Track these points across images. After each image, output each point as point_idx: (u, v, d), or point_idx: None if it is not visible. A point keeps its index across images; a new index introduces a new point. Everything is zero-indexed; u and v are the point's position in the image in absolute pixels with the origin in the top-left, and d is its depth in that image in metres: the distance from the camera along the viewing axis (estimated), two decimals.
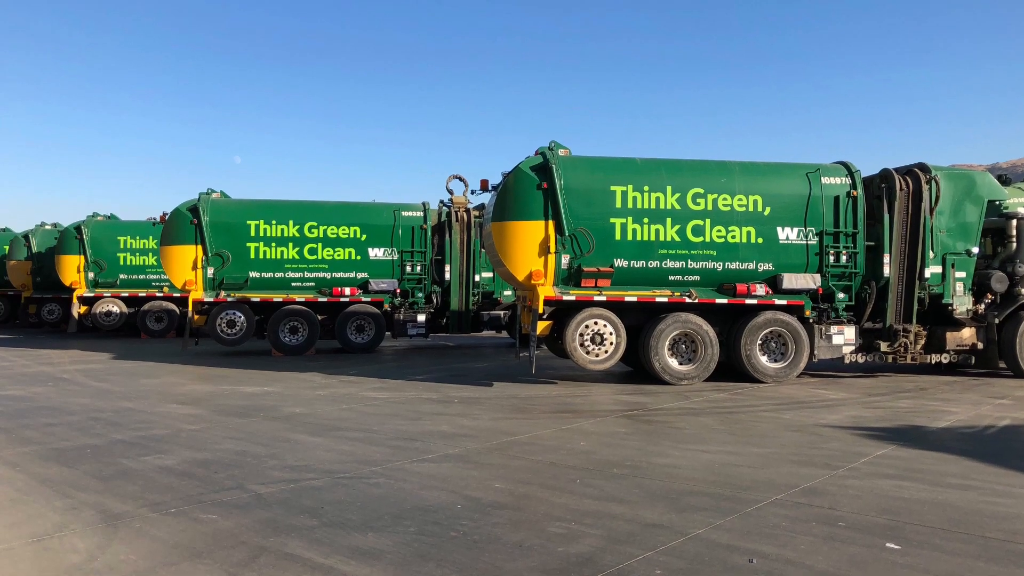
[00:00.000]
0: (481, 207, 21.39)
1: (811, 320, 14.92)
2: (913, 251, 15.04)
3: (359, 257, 21.16)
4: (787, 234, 14.88)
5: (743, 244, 14.76)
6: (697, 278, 14.76)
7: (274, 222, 20.80)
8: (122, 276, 27.37)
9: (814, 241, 14.94)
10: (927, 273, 15.08)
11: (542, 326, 14.47)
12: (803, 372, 15.28)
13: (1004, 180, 16.62)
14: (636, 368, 16.13)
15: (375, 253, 21.26)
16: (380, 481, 7.63)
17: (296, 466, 8.29)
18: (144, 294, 27.34)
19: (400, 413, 11.76)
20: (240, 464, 8.39)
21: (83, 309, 27.20)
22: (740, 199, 14.76)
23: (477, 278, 22.01)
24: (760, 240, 14.80)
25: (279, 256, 20.78)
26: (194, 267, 20.29)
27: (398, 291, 21.22)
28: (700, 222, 14.67)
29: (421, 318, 21.30)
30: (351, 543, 5.77)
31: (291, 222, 20.87)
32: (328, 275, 20.97)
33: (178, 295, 25.30)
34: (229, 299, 20.33)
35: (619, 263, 14.50)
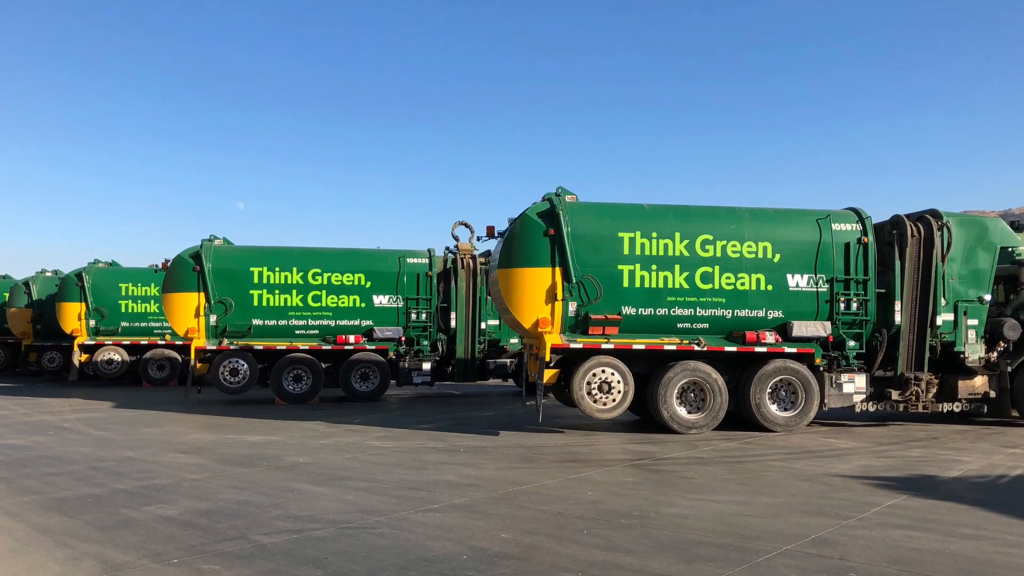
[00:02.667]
0: (487, 254, 21.35)
1: (821, 368, 14.76)
2: (925, 298, 14.91)
3: (363, 304, 21.06)
4: (797, 281, 14.78)
5: (752, 291, 14.66)
6: (706, 326, 14.63)
7: (277, 269, 20.73)
8: (124, 324, 27.26)
9: (824, 288, 14.84)
10: (939, 320, 14.94)
11: (549, 374, 14.34)
12: (813, 421, 15.11)
13: (1017, 226, 16.52)
14: (644, 417, 15.97)
15: (380, 300, 21.17)
16: (385, 531, 7.52)
17: (300, 516, 8.18)
18: (146, 342, 27.21)
19: (405, 462, 11.64)
20: (243, 514, 8.27)
21: (84, 357, 27.08)
22: (749, 245, 14.68)
23: (483, 325, 21.88)
24: (770, 287, 14.70)
25: (283, 303, 20.68)
26: (196, 314, 20.18)
27: (403, 339, 21.09)
28: (709, 269, 14.59)
29: (426, 366, 21.16)
30: None
31: (295, 269, 20.81)
32: (332, 323, 20.87)
33: (180, 343, 25.13)
34: (232, 347, 20.22)
35: (627, 310, 14.40)
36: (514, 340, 21.93)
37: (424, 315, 21.32)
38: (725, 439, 13.81)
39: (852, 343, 14.92)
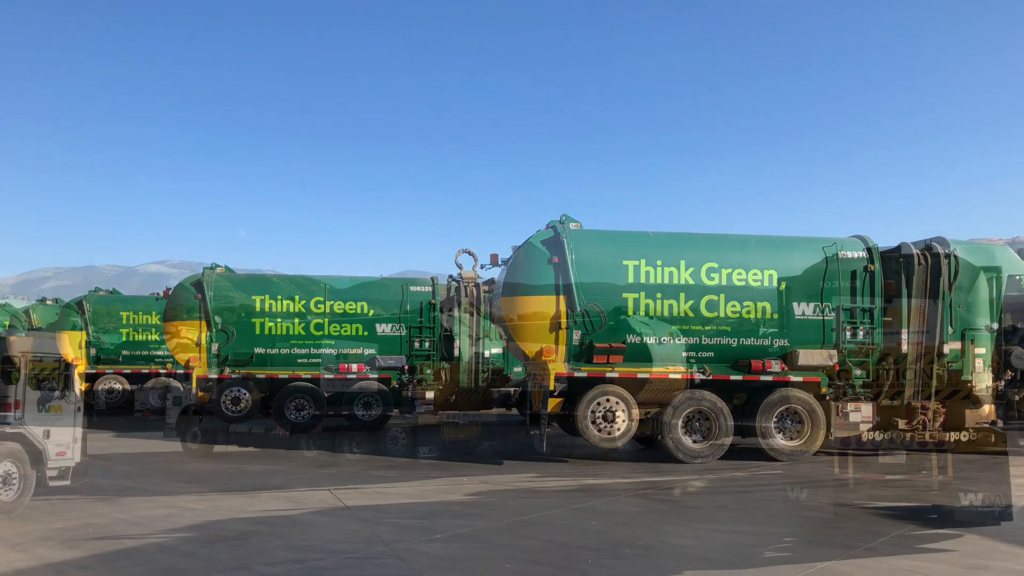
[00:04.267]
0: (491, 282, 21.29)
1: (828, 397, 14.63)
2: (931, 327, 14.79)
3: (367, 333, 20.97)
4: (803, 309, 14.68)
5: (758, 320, 14.56)
6: (711, 354, 14.53)
7: (280, 297, 20.67)
8: (124, 352, 27.12)
9: (830, 316, 14.73)
10: (946, 349, 14.79)
11: (553, 403, 14.21)
12: (819, 450, 14.99)
13: None
14: (649, 446, 15.84)
15: (383, 329, 21.07)
16: (388, 561, 7.45)
17: (302, 546, 8.10)
18: (147, 371, 27.05)
19: (407, 492, 11.55)
20: (245, 544, 8.20)
21: (84, 386, 26.90)
22: (755, 273, 14.60)
23: (487, 354, 21.75)
24: (775, 315, 14.61)
25: (285, 332, 20.59)
26: (198, 343, 20.09)
27: (406, 367, 20.98)
28: (714, 297, 14.50)
29: (429, 395, 20.99)
30: None
31: (297, 297, 20.74)
32: (335, 351, 20.75)
33: (182, 371, 25.00)
34: (234, 375, 20.11)
35: (631, 339, 14.29)
36: (518, 369, 21.82)
37: (427, 343, 21.22)
38: (730, 468, 13.69)
39: (858, 372, 14.80)
